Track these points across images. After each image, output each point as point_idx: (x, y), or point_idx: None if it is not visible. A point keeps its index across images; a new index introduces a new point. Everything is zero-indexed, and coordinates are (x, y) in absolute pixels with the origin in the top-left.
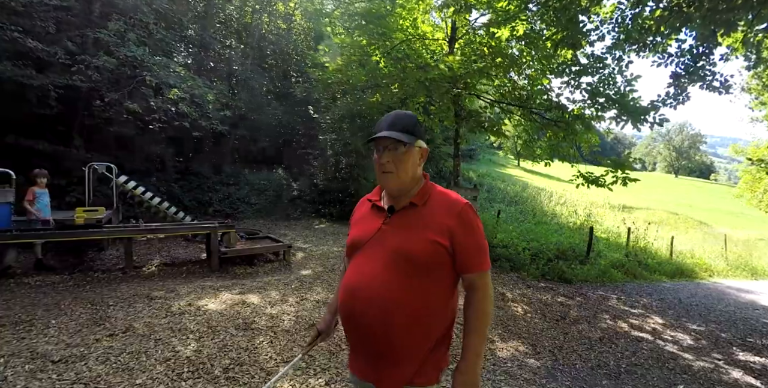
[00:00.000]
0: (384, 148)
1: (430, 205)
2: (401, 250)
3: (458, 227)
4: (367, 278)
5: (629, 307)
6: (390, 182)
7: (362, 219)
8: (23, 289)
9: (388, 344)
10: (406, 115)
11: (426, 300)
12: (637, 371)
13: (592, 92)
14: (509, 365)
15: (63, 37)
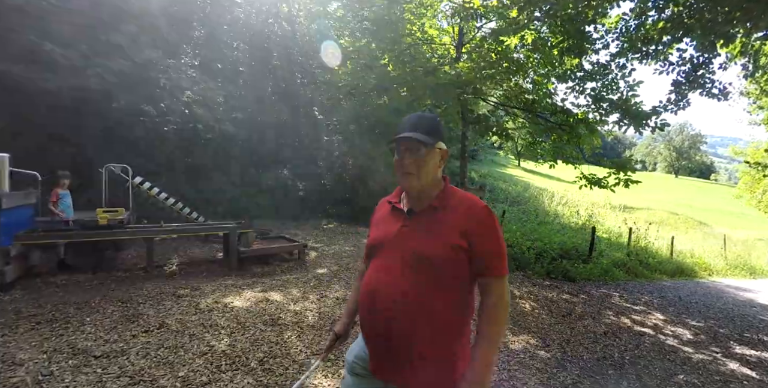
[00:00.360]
0: (406, 150)
1: (450, 208)
2: (421, 253)
3: (477, 230)
4: (387, 282)
5: (631, 304)
6: (411, 184)
7: (382, 221)
8: (50, 288)
9: (409, 348)
10: (429, 117)
11: (445, 304)
12: (640, 363)
13: (596, 97)
14: (522, 356)
15: (76, 41)
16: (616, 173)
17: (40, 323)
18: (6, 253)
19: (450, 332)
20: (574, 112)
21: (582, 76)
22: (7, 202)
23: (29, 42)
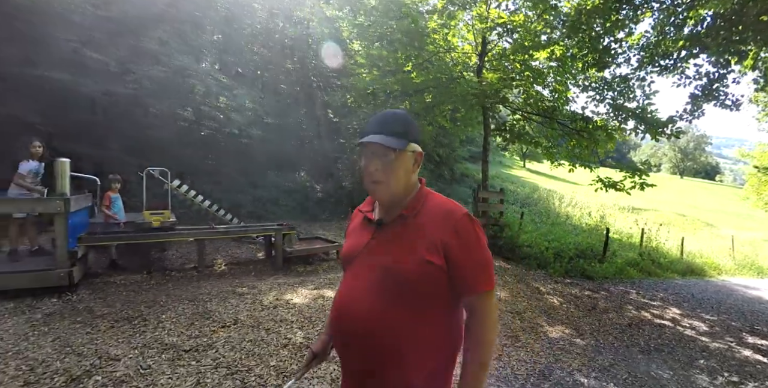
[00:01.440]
0: (372, 155)
1: (423, 216)
2: (389, 270)
3: (455, 242)
4: (354, 300)
5: (648, 300)
6: (380, 193)
7: (353, 231)
8: (111, 287)
9: (373, 371)
10: (398, 115)
11: (414, 326)
12: (664, 349)
13: (615, 106)
14: (561, 344)
15: (111, 47)
16: (631, 177)
17: (118, 320)
18: (74, 254)
19: (428, 357)
20: (593, 120)
21: (602, 86)
22: (73, 205)
23: (70, 49)
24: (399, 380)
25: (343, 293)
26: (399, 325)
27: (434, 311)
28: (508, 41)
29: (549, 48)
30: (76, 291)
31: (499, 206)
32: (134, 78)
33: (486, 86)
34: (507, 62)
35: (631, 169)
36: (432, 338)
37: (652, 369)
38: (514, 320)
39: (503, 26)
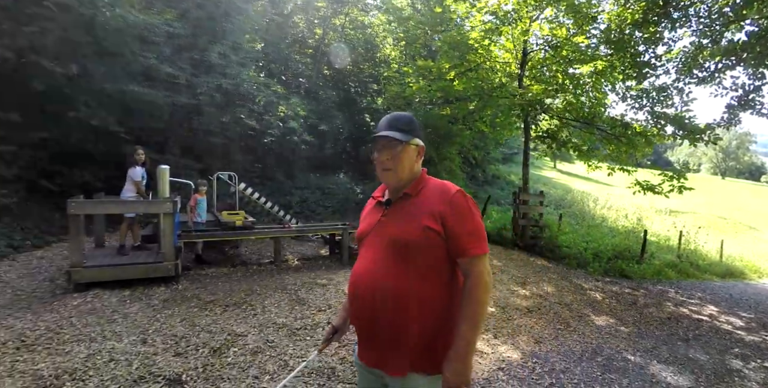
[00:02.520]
0: (383, 147)
1: (423, 194)
2: (397, 237)
3: (450, 212)
4: (368, 267)
5: (686, 298)
6: (389, 178)
7: (367, 215)
8: (206, 278)
9: (387, 328)
10: (403, 116)
11: (420, 285)
12: (702, 339)
13: (653, 113)
14: (607, 330)
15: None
16: (669, 180)
17: (228, 306)
18: (178, 249)
19: (433, 315)
20: (632, 126)
21: (641, 94)
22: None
23: (147, 63)
24: (403, 328)
25: (359, 263)
26: (404, 282)
27: (435, 272)
28: (549, 53)
29: (592, 63)
30: (179, 282)
31: (539, 208)
32: (204, 90)
33: (530, 97)
34: (548, 72)
35: (670, 171)
36: (432, 295)
37: (690, 353)
38: (563, 310)
39: (545, 39)
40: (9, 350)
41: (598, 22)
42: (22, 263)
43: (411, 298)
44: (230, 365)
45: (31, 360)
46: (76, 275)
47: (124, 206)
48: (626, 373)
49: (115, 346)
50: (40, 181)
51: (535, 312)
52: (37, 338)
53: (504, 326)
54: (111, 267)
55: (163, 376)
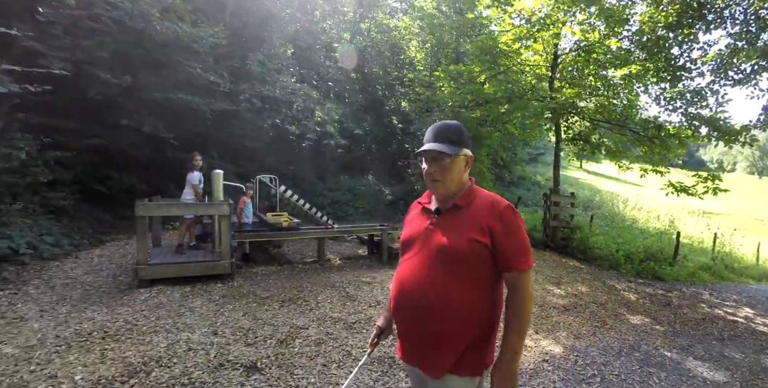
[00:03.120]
0: (432, 159)
1: (473, 206)
2: (444, 248)
3: (499, 226)
4: (414, 274)
5: (721, 300)
6: (438, 189)
7: (413, 220)
8: (257, 276)
9: (429, 332)
10: (451, 126)
11: (464, 294)
12: (737, 339)
13: (687, 114)
14: (643, 328)
15: (220, 69)
16: (704, 181)
17: (284, 301)
18: (235, 249)
19: (474, 322)
20: (665, 127)
21: (674, 96)
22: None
23: (191, 72)
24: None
25: (404, 269)
26: (449, 290)
27: (479, 282)
28: (581, 56)
29: (627, 67)
30: (234, 279)
31: (569, 209)
32: (245, 97)
33: (563, 100)
34: (579, 74)
35: (704, 172)
36: (474, 302)
37: (725, 351)
38: (598, 309)
39: (576, 42)
40: (96, 339)
41: (630, 24)
42: (84, 261)
43: (454, 305)
44: (298, 354)
45: (118, 349)
46: (142, 272)
47: (186, 208)
48: (663, 367)
49: (190, 337)
50: (93, 185)
51: (571, 310)
52: (118, 329)
53: (543, 322)
54: (173, 265)
55: (240, 363)
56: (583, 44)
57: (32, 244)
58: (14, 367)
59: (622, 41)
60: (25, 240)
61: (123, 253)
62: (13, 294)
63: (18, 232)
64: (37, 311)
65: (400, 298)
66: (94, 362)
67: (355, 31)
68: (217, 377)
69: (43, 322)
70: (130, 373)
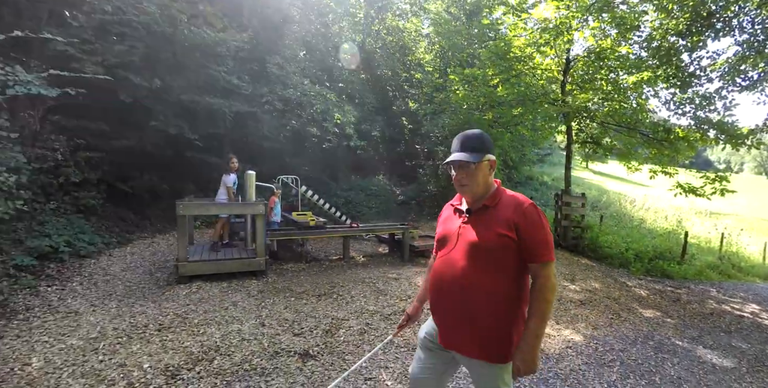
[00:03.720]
0: (459, 167)
1: (500, 205)
2: (477, 242)
3: (523, 222)
4: (450, 265)
5: (728, 297)
6: (466, 193)
7: (447, 220)
8: (288, 272)
9: (466, 316)
10: (473, 136)
11: (494, 281)
12: (743, 332)
13: (696, 118)
14: (655, 320)
15: (241, 73)
16: (711, 182)
17: (320, 296)
18: (269, 247)
19: (503, 308)
20: (675, 130)
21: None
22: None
23: (214, 75)
24: (481, 319)
25: (442, 263)
26: (482, 280)
27: (507, 271)
28: (593, 63)
29: (639, 75)
30: (267, 275)
31: (581, 210)
32: (267, 100)
33: (576, 105)
34: (591, 79)
35: (712, 173)
36: (505, 291)
37: (732, 342)
38: (612, 304)
39: (588, 48)
40: (152, 331)
41: (641, 31)
42: (118, 258)
43: (485, 288)
44: (344, 342)
45: (177, 339)
46: (183, 269)
47: (224, 208)
48: (676, 354)
49: (240, 328)
50: (118, 185)
51: (587, 304)
52: (171, 322)
53: (563, 315)
54: (212, 262)
55: (294, 351)
56: (595, 49)
57: (70, 242)
58: (83, 357)
59: (633, 47)
60: (63, 239)
61: (152, 251)
62: (60, 290)
63: (55, 231)
64: (88, 305)
65: (439, 285)
66: (157, 351)
67: (366, 33)
68: (275, 364)
69: (98, 316)
70: (194, 361)
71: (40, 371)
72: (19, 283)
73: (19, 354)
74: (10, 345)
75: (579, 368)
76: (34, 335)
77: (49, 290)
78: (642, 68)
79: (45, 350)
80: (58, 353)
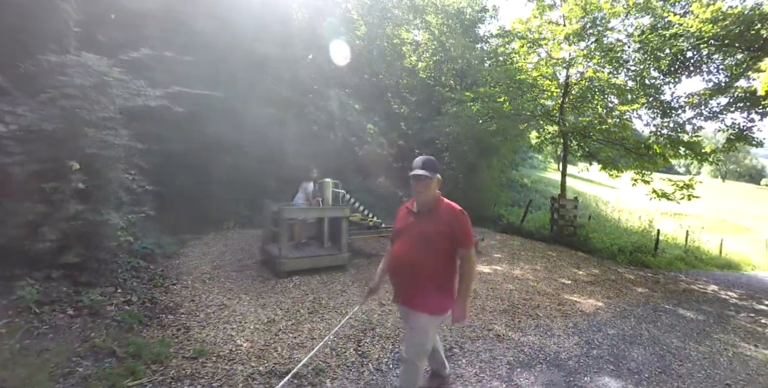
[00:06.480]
0: (418, 179)
1: (440, 210)
2: (423, 234)
3: (454, 221)
4: (405, 250)
5: (695, 280)
6: (421, 199)
7: (402, 217)
8: (361, 267)
9: (415, 284)
10: (429, 160)
11: (436, 261)
12: (708, 301)
13: (672, 140)
14: (645, 295)
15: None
16: (680, 189)
17: None
18: (348, 245)
19: (440, 278)
20: (654, 148)
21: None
22: None
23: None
24: (423, 284)
25: (399, 248)
26: (427, 259)
27: (443, 255)
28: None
29: (629, 106)
30: (347, 269)
31: (573, 211)
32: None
33: (572, 126)
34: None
35: (675, 175)
36: (442, 267)
37: (701, 307)
38: (613, 284)
39: (587, 78)
40: (305, 314)
41: (630, 65)
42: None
43: (428, 267)
44: None
45: (332, 318)
46: (285, 265)
47: (320, 212)
48: (666, 312)
49: (371, 307)
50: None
51: (596, 284)
52: (311, 307)
53: (582, 290)
54: (308, 258)
55: None
56: (594, 80)
57: (158, 243)
58: (276, 336)
59: (624, 79)
60: (150, 241)
61: (220, 250)
62: (183, 288)
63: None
64: (227, 298)
65: (396, 264)
66: (326, 326)
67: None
68: None
69: (243, 307)
70: (362, 330)
71: (253, 347)
72: (152, 282)
73: (221, 339)
74: (205, 333)
75: (609, 319)
76: (212, 324)
77: (175, 288)
78: (633, 100)
79: (238, 334)
80: (252, 334)
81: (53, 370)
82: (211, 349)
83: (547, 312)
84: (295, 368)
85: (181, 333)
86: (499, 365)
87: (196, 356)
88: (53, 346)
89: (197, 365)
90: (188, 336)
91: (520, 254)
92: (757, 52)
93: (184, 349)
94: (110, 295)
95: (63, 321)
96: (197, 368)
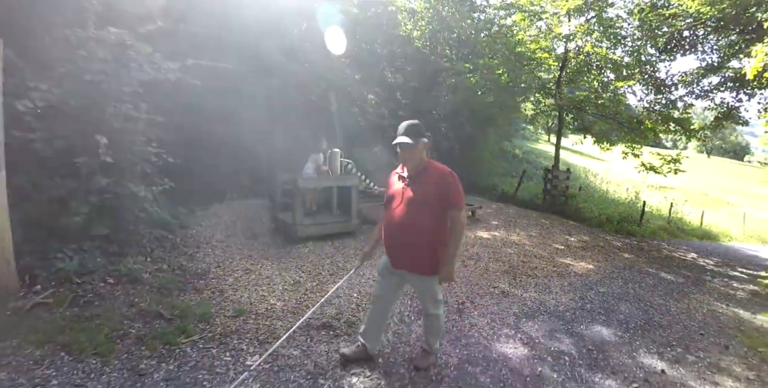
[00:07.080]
0: (403, 147)
1: (431, 173)
2: (415, 198)
3: (443, 183)
4: (398, 214)
5: (676, 248)
6: (407, 165)
7: (393, 183)
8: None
9: (409, 246)
10: (415, 124)
11: (427, 223)
12: (687, 267)
13: (662, 115)
14: (631, 260)
15: None
16: (667, 163)
17: None
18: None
19: (432, 239)
20: (645, 123)
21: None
22: None
23: None
24: (419, 247)
25: (392, 212)
26: (420, 222)
27: (434, 215)
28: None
29: (625, 82)
30: (357, 235)
31: (566, 182)
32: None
33: (575, 102)
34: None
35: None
36: (436, 229)
37: (681, 271)
38: (602, 250)
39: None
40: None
41: (626, 41)
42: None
43: (420, 227)
44: None
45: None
46: (300, 232)
47: (333, 181)
48: (649, 275)
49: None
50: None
51: (587, 249)
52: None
53: (575, 254)
54: (320, 225)
55: None
56: (590, 54)
57: (175, 215)
58: (305, 295)
59: (621, 55)
60: (167, 212)
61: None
62: (205, 255)
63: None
64: (250, 264)
65: (391, 227)
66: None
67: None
68: None
69: (269, 270)
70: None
71: (286, 305)
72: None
73: (255, 299)
74: (239, 295)
75: (600, 280)
76: (242, 287)
77: (198, 255)
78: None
79: (269, 294)
80: (282, 295)
81: (108, 333)
82: (249, 308)
83: (545, 273)
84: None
85: (216, 296)
86: (507, 315)
87: (237, 315)
88: (101, 312)
89: (240, 323)
90: (224, 298)
91: (515, 222)
92: (750, 35)
93: (224, 309)
94: (142, 263)
95: (104, 290)
96: (240, 325)
